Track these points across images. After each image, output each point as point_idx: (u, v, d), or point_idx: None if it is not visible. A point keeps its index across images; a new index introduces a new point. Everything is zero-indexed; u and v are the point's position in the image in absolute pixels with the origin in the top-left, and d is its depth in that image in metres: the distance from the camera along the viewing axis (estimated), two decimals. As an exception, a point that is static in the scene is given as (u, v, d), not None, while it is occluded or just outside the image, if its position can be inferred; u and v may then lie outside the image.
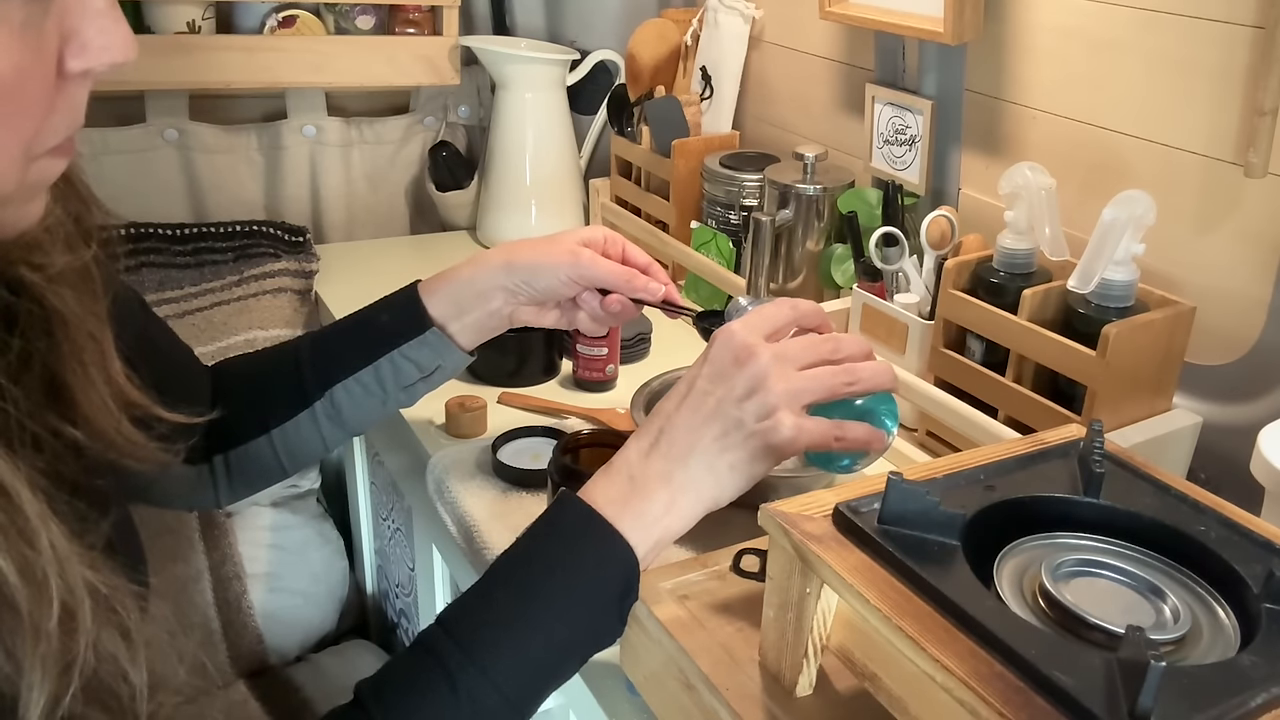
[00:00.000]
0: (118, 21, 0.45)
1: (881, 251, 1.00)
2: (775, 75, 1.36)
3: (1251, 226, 0.83)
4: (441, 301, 0.81)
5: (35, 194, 0.47)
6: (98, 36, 0.44)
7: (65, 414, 0.55)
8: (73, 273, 0.55)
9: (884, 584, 0.47)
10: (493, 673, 0.58)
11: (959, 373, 0.92)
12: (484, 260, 0.82)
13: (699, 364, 0.67)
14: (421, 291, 0.81)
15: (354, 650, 1.37)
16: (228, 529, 1.30)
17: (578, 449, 0.84)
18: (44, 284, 0.53)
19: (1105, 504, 0.54)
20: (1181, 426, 0.86)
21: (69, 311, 0.55)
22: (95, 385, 0.57)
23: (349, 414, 0.82)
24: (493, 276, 0.81)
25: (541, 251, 0.81)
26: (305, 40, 1.39)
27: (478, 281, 0.81)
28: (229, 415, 0.78)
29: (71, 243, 0.55)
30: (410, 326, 0.80)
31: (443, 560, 1.12)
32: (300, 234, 1.36)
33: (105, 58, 0.44)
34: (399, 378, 0.81)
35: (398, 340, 0.80)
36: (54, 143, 0.45)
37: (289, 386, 0.82)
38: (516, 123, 1.45)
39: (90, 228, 0.58)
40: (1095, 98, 0.94)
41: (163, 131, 1.40)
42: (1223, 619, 0.48)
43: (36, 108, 0.43)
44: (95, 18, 0.44)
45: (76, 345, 0.56)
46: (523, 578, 0.62)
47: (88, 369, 0.56)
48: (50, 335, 0.55)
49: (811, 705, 0.55)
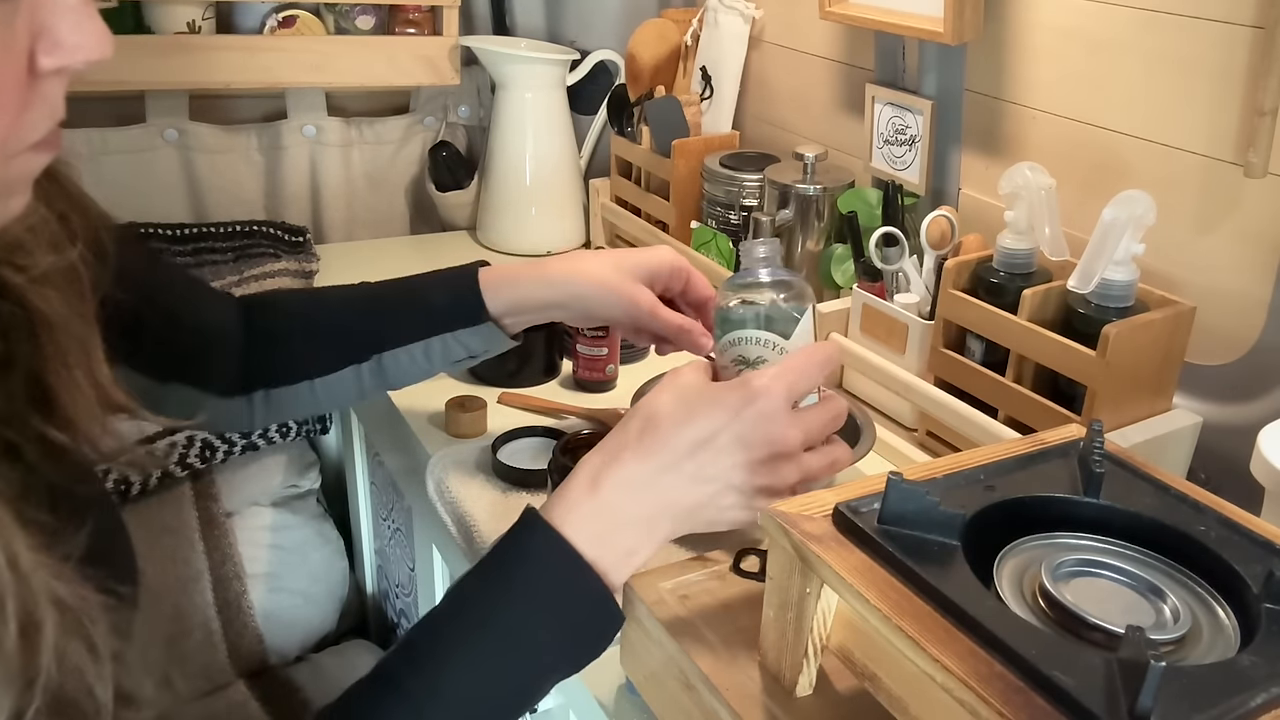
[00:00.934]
0: (91, 18, 0.44)
1: (881, 251, 1.00)
2: (775, 75, 1.36)
3: (1251, 226, 0.83)
4: (501, 302, 0.83)
5: (16, 190, 0.47)
6: (70, 34, 0.43)
7: (49, 418, 0.54)
8: (58, 273, 0.55)
9: (884, 584, 0.47)
10: (456, 704, 0.58)
11: (959, 373, 0.92)
12: (549, 277, 0.84)
13: (725, 407, 0.63)
14: (483, 285, 0.83)
15: (354, 650, 1.37)
16: (228, 529, 1.30)
17: (577, 449, 0.84)
18: (27, 285, 0.53)
19: (1105, 504, 0.54)
20: (1181, 426, 0.86)
21: (53, 313, 0.54)
22: (80, 388, 0.56)
23: (393, 376, 0.85)
24: (555, 296, 0.83)
25: (606, 286, 0.82)
26: (305, 40, 1.39)
27: (539, 296, 0.84)
28: (273, 354, 0.83)
29: (57, 242, 0.55)
30: (467, 316, 0.83)
31: (443, 560, 1.12)
32: (300, 234, 1.36)
33: (79, 55, 0.43)
34: (448, 355, 0.84)
35: (453, 325, 0.83)
36: (33, 139, 0.45)
37: (339, 342, 0.84)
38: (516, 123, 1.45)
39: (77, 227, 0.57)
40: (1095, 97, 0.94)
41: (163, 131, 1.40)
42: (1223, 619, 0.48)
43: (8, 106, 0.42)
44: (66, 14, 0.43)
45: (61, 348, 0.55)
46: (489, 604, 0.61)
47: (72, 372, 0.56)
48: (34, 338, 0.54)
49: (811, 705, 0.55)
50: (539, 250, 1.49)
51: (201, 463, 1.26)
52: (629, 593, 0.63)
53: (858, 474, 0.88)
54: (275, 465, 1.35)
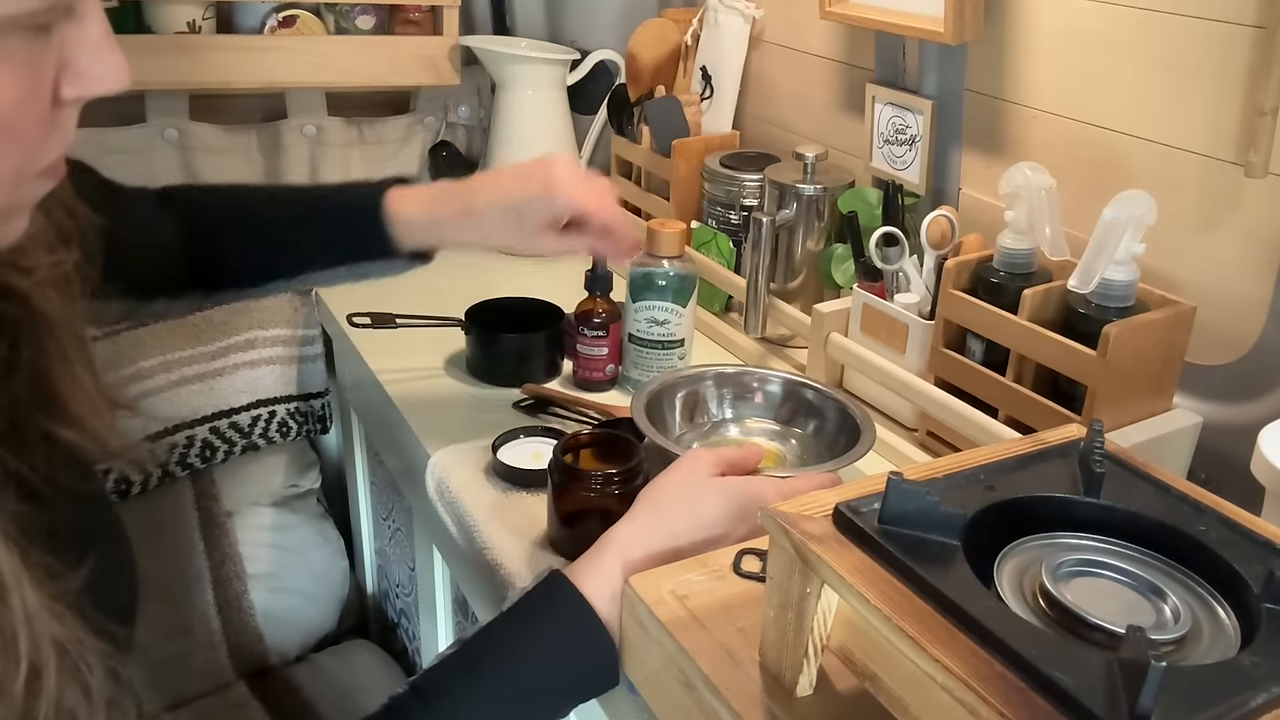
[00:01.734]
0: (112, 49, 0.45)
1: (882, 251, 1.00)
2: (775, 75, 1.36)
3: (1252, 226, 0.83)
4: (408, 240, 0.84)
5: (19, 213, 0.47)
6: (93, 65, 0.44)
7: (55, 416, 0.55)
8: (57, 275, 0.55)
9: (884, 584, 0.47)
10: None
11: (959, 373, 0.92)
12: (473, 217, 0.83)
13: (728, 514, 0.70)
14: (393, 223, 0.83)
15: (354, 650, 1.37)
16: (228, 529, 1.30)
17: (578, 449, 0.84)
18: (31, 287, 0.53)
19: (1105, 504, 0.54)
20: (1182, 426, 0.86)
21: (55, 313, 0.55)
22: (83, 386, 0.57)
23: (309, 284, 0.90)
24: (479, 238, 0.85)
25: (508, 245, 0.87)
26: (305, 40, 1.39)
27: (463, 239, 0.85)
28: (210, 264, 0.85)
29: (53, 246, 0.55)
30: (378, 251, 0.84)
31: (443, 560, 1.12)
32: (300, 234, 1.36)
33: (100, 86, 0.44)
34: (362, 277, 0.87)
35: (366, 257, 0.85)
36: (45, 165, 0.45)
37: (262, 263, 0.87)
38: (517, 123, 1.45)
39: (70, 231, 0.57)
40: (1095, 98, 0.94)
41: (163, 131, 1.40)
42: (1223, 619, 0.48)
43: (32, 137, 0.43)
44: (92, 47, 0.44)
45: (63, 346, 0.56)
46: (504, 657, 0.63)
47: (75, 370, 0.56)
48: (38, 338, 0.55)
49: (811, 705, 0.55)
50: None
51: (202, 462, 1.26)
52: (629, 593, 0.63)
53: (858, 474, 0.88)
54: (275, 465, 1.35)
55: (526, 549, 0.82)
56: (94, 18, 0.44)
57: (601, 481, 0.78)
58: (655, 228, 1.04)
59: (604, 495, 0.78)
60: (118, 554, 0.62)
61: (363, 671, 1.32)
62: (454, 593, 1.13)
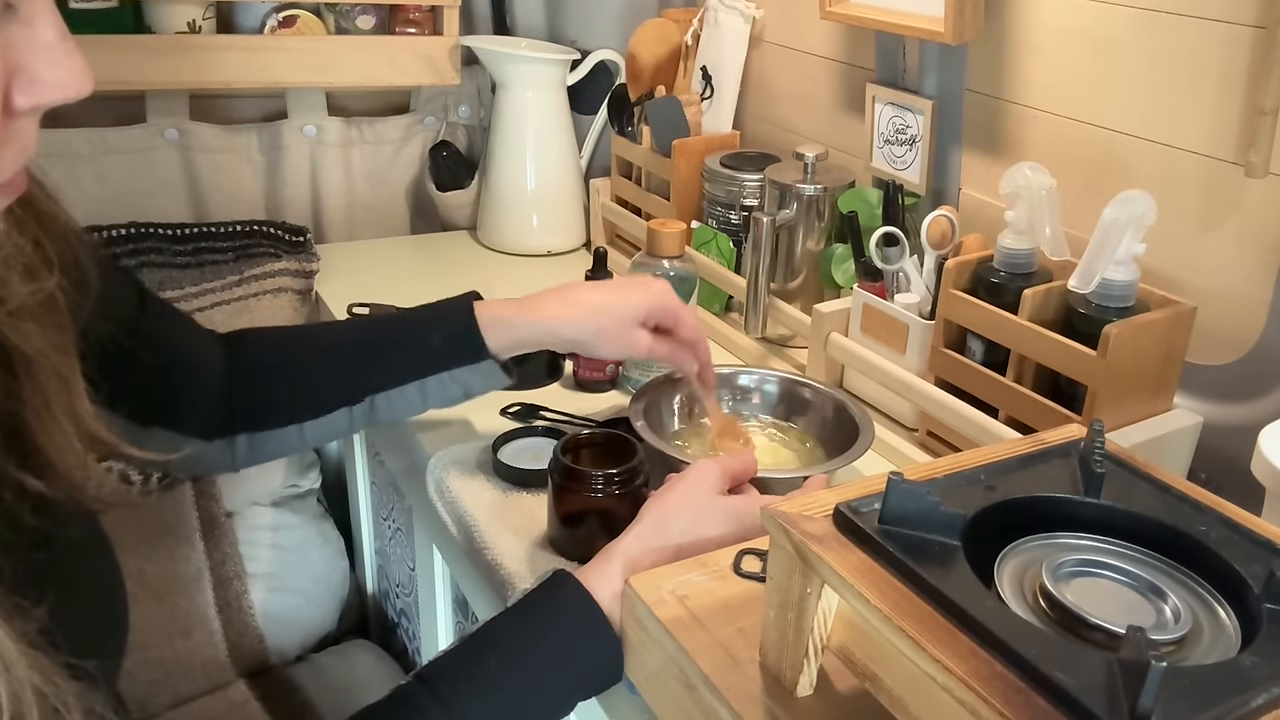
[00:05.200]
0: (69, 54, 0.42)
1: (882, 251, 1.00)
2: (776, 75, 1.36)
3: (1252, 226, 0.83)
4: (499, 340, 0.83)
5: None
6: (47, 70, 0.41)
7: (26, 461, 0.51)
8: (35, 304, 0.51)
9: (884, 584, 0.47)
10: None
11: (959, 373, 0.92)
12: (545, 320, 0.84)
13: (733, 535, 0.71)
14: (481, 324, 0.82)
15: (354, 650, 1.37)
16: (228, 529, 1.30)
17: (578, 449, 0.84)
18: (3, 319, 0.49)
19: (1106, 504, 0.54)
20: (1182, 426, 0.86)
21: (31, 348, 0.51)
22: (60, 426, 0.52)
23: (384, 414, 0.83)
24: (551, 340, 0.85)
25: (602, 331, 0.84)
26: (305, 40, 1.39)
27: (535, 339, 0.84)
28: (259, 398, 0.79)
29: (33, 271, 0.51)
30: (465, 355, 0.82)
31: (443, 560, 1.12)
32: (300, 234, 1.36)
33: (56, 93, 0.41)
34: (444, 395, 0.84)
35: (450, 365, 0.82)
36: (1, 180, 0.42)
37: (329, 384, 0.82)
38: (517, 123, 1.45)
39: (52, 253, 0.54)
40: (1095, 98, 0.94)
41: (163, 131, 1.40)
42: (1223, 619, 0.48)
43: None
44: (43, 50, 0.41)
45: (39, 384, 0.52)
46: (512, 648, 0.63)
47: (51, 409, 0.52)
48: (12, 377, 0.51)
49: (812, 705, 0.55)
50: (539, 250, 1.49)
51: (202, 463, 1.26)
52: (629, 592, 0.63)
53: (858, 474, 0.88)
54: (275, 465, 1.35)
55: (526, 549, 0.82)
56: (44, 20, 0.41)
57: (602, 482, 0.78)
58: (655, 228, 1.04)
59: (604, 495, 0.78)
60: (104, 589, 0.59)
61: (363, 671, 1.32)
62: (454, 593, 1.13)
